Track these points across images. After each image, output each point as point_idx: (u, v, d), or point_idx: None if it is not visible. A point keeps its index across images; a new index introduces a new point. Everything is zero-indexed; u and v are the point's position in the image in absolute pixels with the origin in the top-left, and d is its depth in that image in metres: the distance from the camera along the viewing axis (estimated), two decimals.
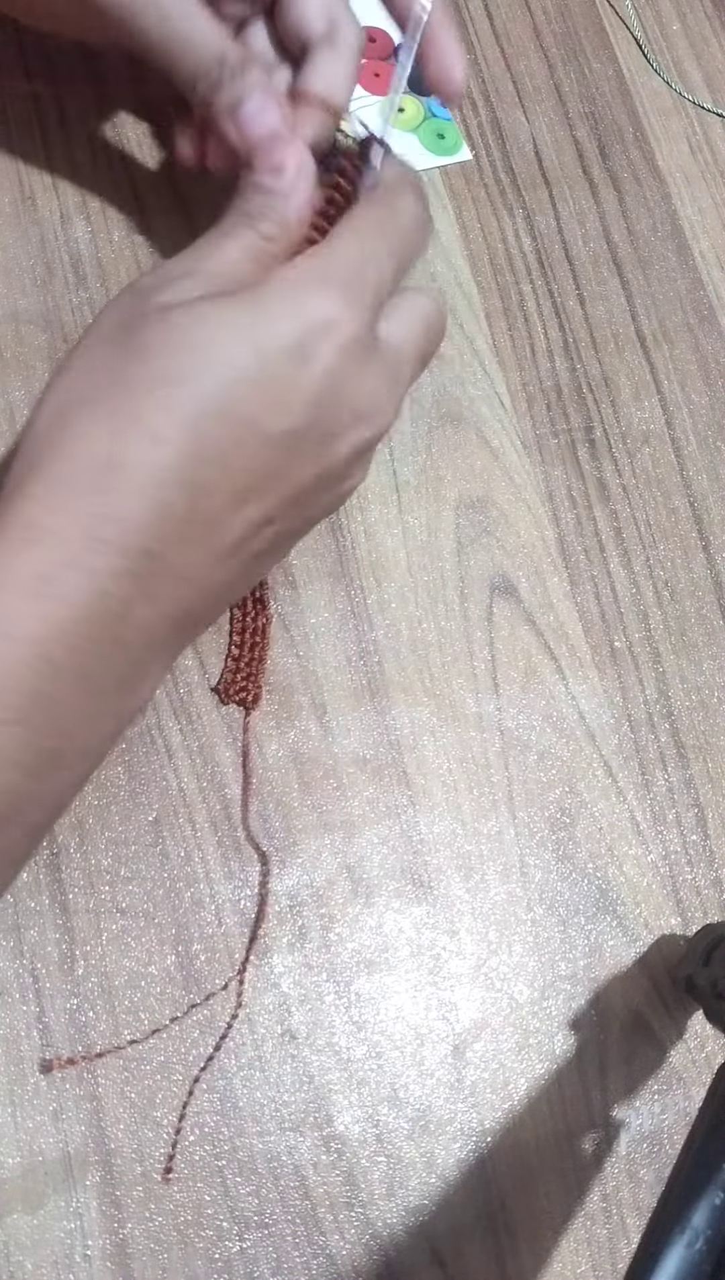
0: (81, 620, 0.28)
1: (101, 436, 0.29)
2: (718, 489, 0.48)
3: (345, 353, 0.31)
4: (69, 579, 0.28)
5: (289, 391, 0.30)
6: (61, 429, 0.29)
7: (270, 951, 0.38)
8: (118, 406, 0.29)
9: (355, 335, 0.31)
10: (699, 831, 0.43)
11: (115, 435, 0.29)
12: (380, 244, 0.33)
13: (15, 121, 0.45)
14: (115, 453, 0.29)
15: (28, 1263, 0.34)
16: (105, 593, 0.28)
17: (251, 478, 0.31)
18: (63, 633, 0.28)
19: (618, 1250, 0.38)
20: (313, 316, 0.31)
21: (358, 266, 0.32)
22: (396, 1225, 0.36)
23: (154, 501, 0.29)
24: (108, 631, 0.29)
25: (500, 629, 0.43)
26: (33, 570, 0.28)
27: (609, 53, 0.54)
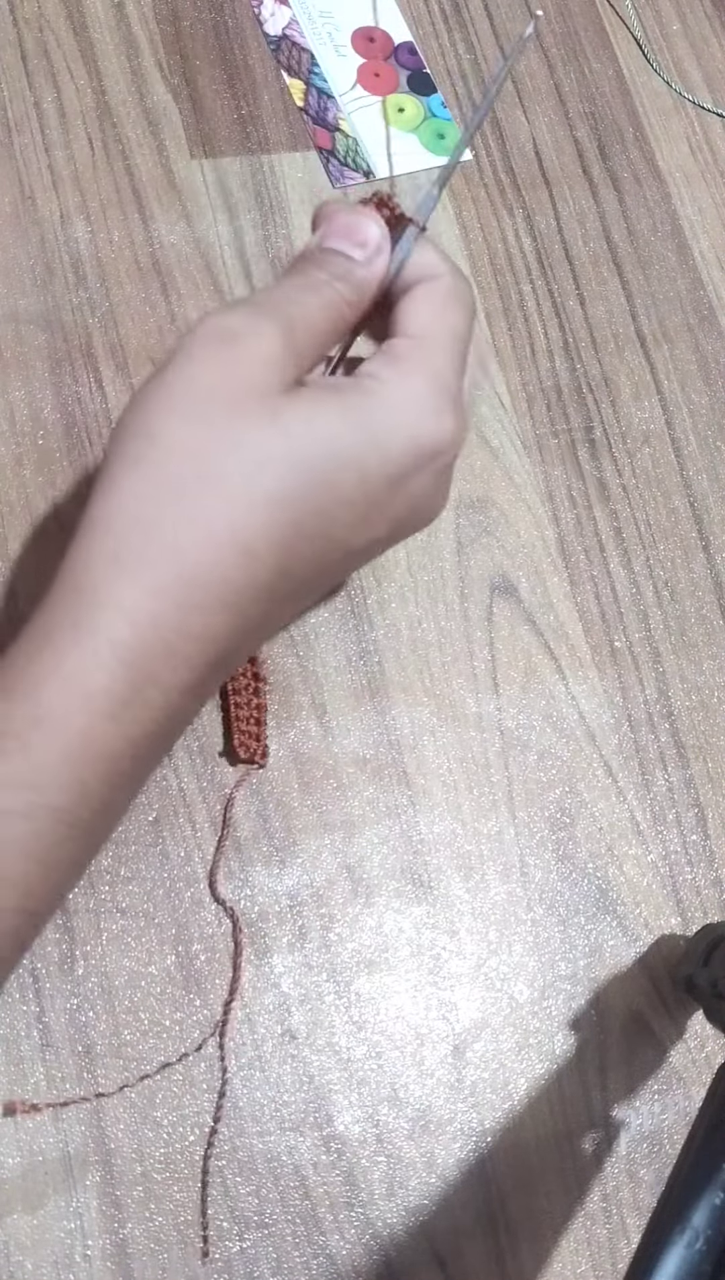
0: (151, 735, 0.28)
1: (195, 546, 0.27)
2: (718, 489, 0.48)
3: (441, 475, 0.31)
4: (148, 698, 0.27)
5: (379, 514, 0.30)
6: (157, 526, 0.28)
7: (270, 951, 0.38)
8: (217, 516, 0.28)
9: (454, 457, 0.31)
10: (699, 831, 0.43)
11: (210, 547, 0.28)
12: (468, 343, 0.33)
13: (15, 121, 0.45)
14: (209, 568, 0.27)
15: (28, 1263, 0.34)
16: (173, 705, 0.28)
17: (318, 581, 0.31)
18: (134, 747, 0.28)
19: (618, 1250, 0.38)
20: (424, 447, 0.30)
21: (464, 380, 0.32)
22: (396, 1225, 0.36)
23: (236, 617, 0.28)
24: (164, 736, 0.29)
25: (500, 629, 0.43)
26: (120, 693, 0.27)
27: (609, 53, 0.54)
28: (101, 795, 0.27)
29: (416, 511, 0.32)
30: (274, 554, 0.28)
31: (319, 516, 0.29)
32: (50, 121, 0.46)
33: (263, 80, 0.49)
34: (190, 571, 0.27)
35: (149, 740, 0.28)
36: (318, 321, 0.31)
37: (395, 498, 0.30)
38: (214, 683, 0.30)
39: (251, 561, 0.28)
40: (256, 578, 0.28)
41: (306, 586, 0.30)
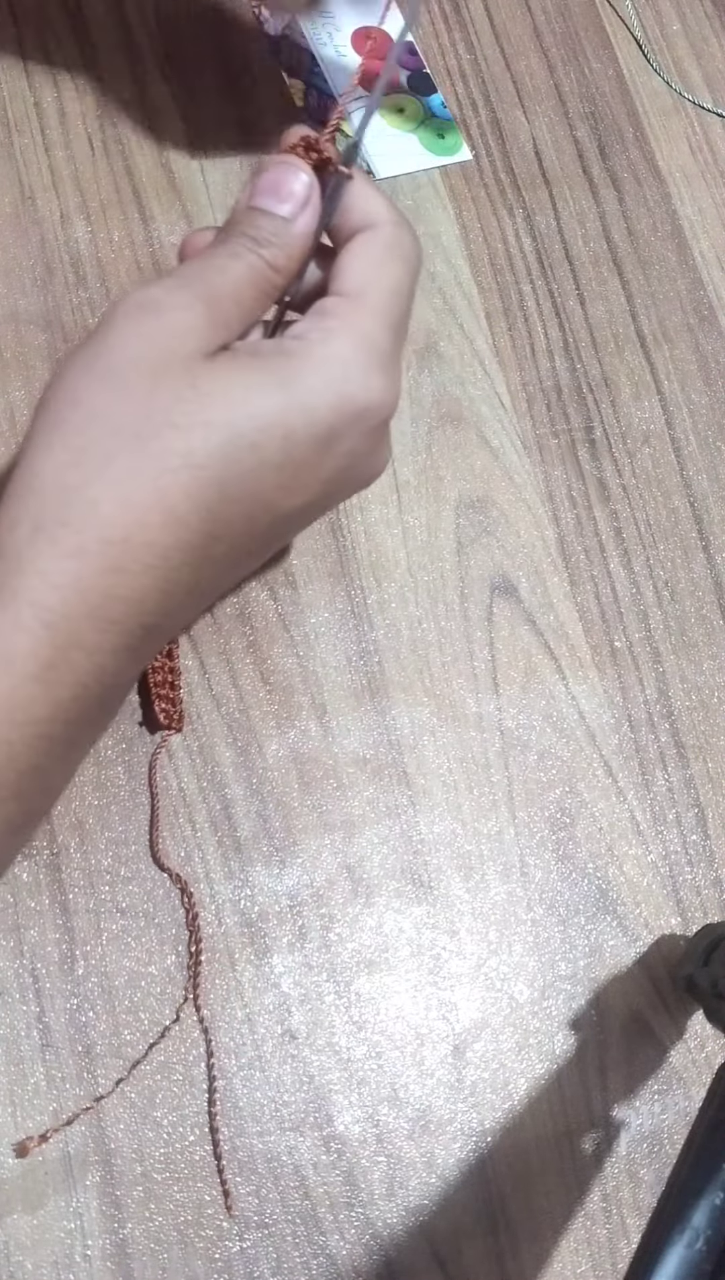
0: (80, 698, 0.28)
1: (121, 509, 0.28)
2: (718, 489, 0.48)
3: (372, 435, 0.31)
4: (73, 660, 0.27)
5: (309, 476, 0.30)
6: (80, 490, 0.28)
7: (270, 951, 0.38)
8: (140, 478, 0.28)
9: (386, 418, 0.31)
10: (699, 831, 0.43)
11: (135, 511, 0.28)
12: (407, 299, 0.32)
13: (15, 121, 0.45)
14: (133, 530, 0.28)
15: (28, 1263, 0.34)
16: (104, 669, 0.28)
17: (250, 545, 0.31)
18: (63, 711, 0.28)
19: (618, 1250, 0.38)
20: (351, 407, 0.30)
21: (396, 338, 0.31)
22: (396, 1225, 0.36)
23: (163, 580, 0.28)
24: (96, 700, 0.29)
25: (500, 629, 0.43)
26: (44, 655, 0.27)
27: (609, 53, 0.54)
28: (29, 759, 0.27)
29: (349, 472, 0.31)
30: (199, 516, 0.28)
31: (244, 479, 0.29)
32: (50, 121, 0.46)
33: (263, 80, 0.49)
34: (112, 534, 0.27)
35: (79, 704, 0.28)
36: (243, 290, 0.30)
37: (324, 459, 0.30)
38: (148, 647, 0.30)
39: (175, 524, 0.28)
40: (182, 540, 0.28)
41: (240, 551, 0.30)
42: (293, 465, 0.30)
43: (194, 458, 0.28)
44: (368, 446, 0.31)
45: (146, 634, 0.29)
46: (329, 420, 0.30)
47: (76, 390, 0.29)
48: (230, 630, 0.41)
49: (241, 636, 0.41)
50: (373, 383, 0.30)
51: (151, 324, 0.29)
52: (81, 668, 0.28)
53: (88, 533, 0.27)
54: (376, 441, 0.32)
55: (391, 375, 0.31)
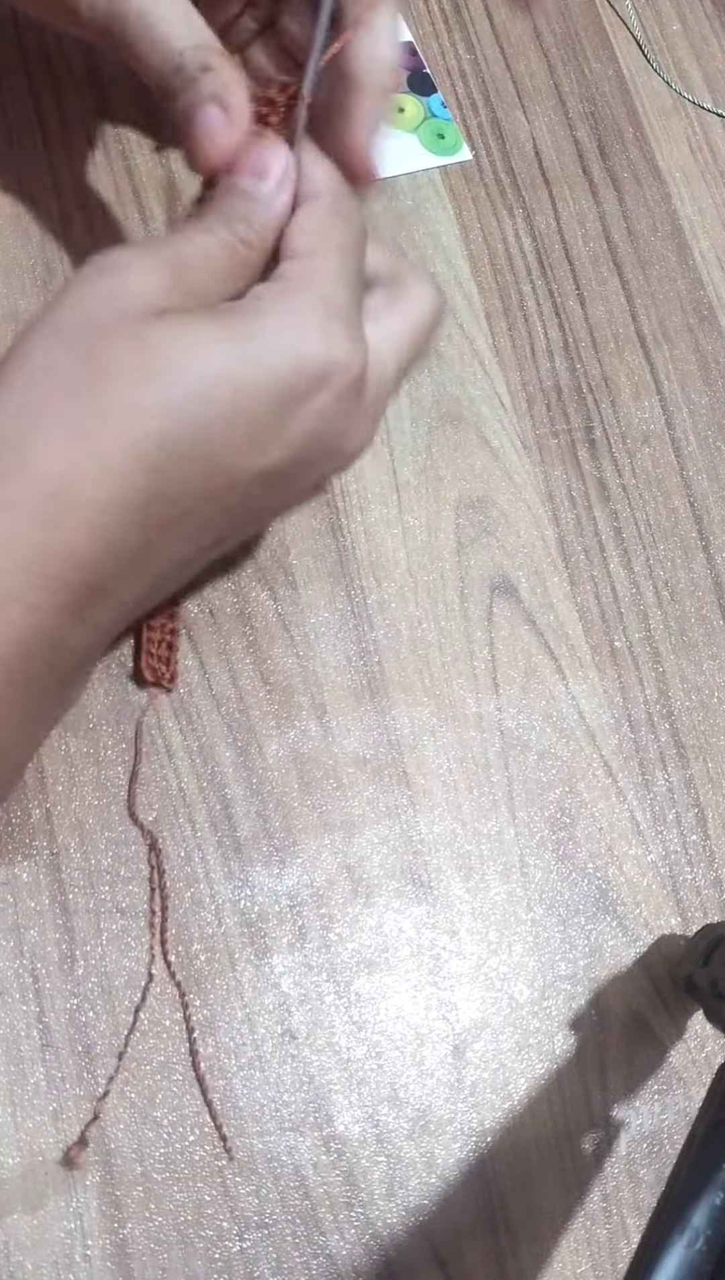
0: (17, 653, 0.27)
1: (56, 462, 0.27)
2: (718, 489, 0.48)
3: (337, 398, 0.30)
4: (9, 612, 0.27)
5: (268, 436, 0.29)
6: (17, 445, 0.27)
7: (270, 951, 0.38)
8: (76, 430, 0.27)
9: (352, 380, 0.30)
10: (699, 831, 0.43)
11: (70, 464, 0.27)
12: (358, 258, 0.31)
13: (15, 121, 0.45)
14: (68, 483, 0.27)
15: (28, 1263, 0.34)
16: (43, 626, 0.27)
17: (210, 512, 0.30)
18: (7, 671, 0.27)
19: (618, 1250, 0.38)
20: (309, 365, 0.29)
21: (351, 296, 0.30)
22: (396, 1225, 0.36)
23: (104, 538, 0.27)
24: (41, 659, 0.28)
25: (500, 629, 0.43)
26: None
27: (609, 53, 0.54)
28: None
29: (320, 439, 0.30)
30: (142, 472, 0.27)
31: (192, 435, 0.28)
32: (51, 122, 0.46)
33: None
34: (45, 487, 0.27)
35: (24, 664, 0.27)
36: (215, 260, 0.30)
37: (286, 419, 0.29)
38: (99, 611, 0.29)
39: (114, 478, 0.27)
40: (122, 496, 0.27)
41: (199, 517, 0.29)
42: (247, 422, 0.28)
43: (133, 410, 0.27)
44: (338, 410, 0.30)
45: (92, 594, 0.28)
46: (286, 376, 0.29)
47: (23, 349, 0.29)
48: (230, 630, 0.41)
49: (241, 636, 0.41)
50: (333, 340, 0.29)
51: (105, 283, 0.29)
52: (21, 624, 0.27)
53: (21, 485, 0.27)
54: (348, 405, 0.30)
55: (352, 333, 0.30)
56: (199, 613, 0.41)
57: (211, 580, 0.41)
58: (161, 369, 0.28)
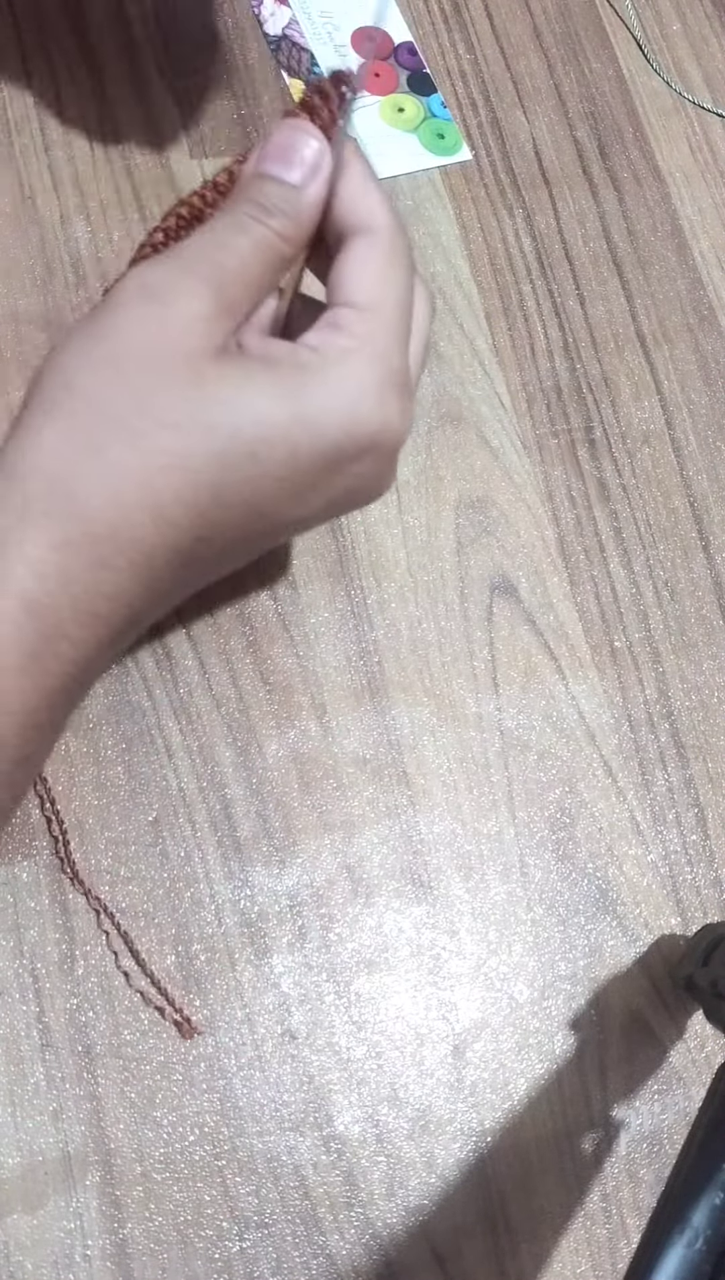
0: (67, 688, 0.28)
1: (109, 505, 0.27)
2: (718, 489, 0.48)
3: (382, 461, 0.30)
4: (60, 651, 0.27)
5: (312, 493, 0.29)
6: (68, 480, 0.27)
7: (270, 951, 0.38)
8: (130, 474, 0.27)
9: (399, 442, 0.30)
10: (699, 831, 0.43)
11: (122, 508, 0.27)
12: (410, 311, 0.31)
13: (15, 121, 0.45)
14: (120, 527, 0.27)
15: (28, 1263, 0.34)
16: (89, 660, 0.28)
17: (244, 548, 0.30)
18: (49, 700, 0.28)
19: (618, 1250, 0.38)
20: (362, 433, 0.29)
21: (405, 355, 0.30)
22: (396, 1225, 0.36)
23: (148, 578, 0.28)
24: (82, 688, 0.29)
25: (500, 629, 0.43)
26: (29, 646, 0.27)
27: (609, 53, 0.54)
28: (16, 746, 0.27)
29: (354, 493, 0.31)
30: (190, 519, 0.28)
31: (240, 487, 0.28)
32: (50, 121, 0.46)
33: (262, 80, 0.49)
34: (99, 530, 0.27)
35: (65, 693, 0.28)
36: (251, 267, 0.29)
37: (331, 480, 0.29)
38: (130, 635, 0.30)
39: (164, 525, 0.27)
40: (170, 540, 0.28)
41: (229, 554, 0.30)
42: (295, 481, 0.29)
43: (190, 460, 0.27)
44: (377, 470, 0.31)
45: (129, 626, 0.29)
46: (338, 442, 0.29)
47: (72, 374, 0.28)
48: (230, 630, 0.41)
49: (241, 636, 0.41)
50: (388, 409, 0.29)
51: (156, 312, 0.28)
52: (67, 658, 0.27)
53: (73, 525, 0.27)
54: (386, 466, 0.31)
55: (406, 400, 0.30)
56: (199, 612, 0.41)
57: None
58: (218, 422, 0.27)
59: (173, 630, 0.40)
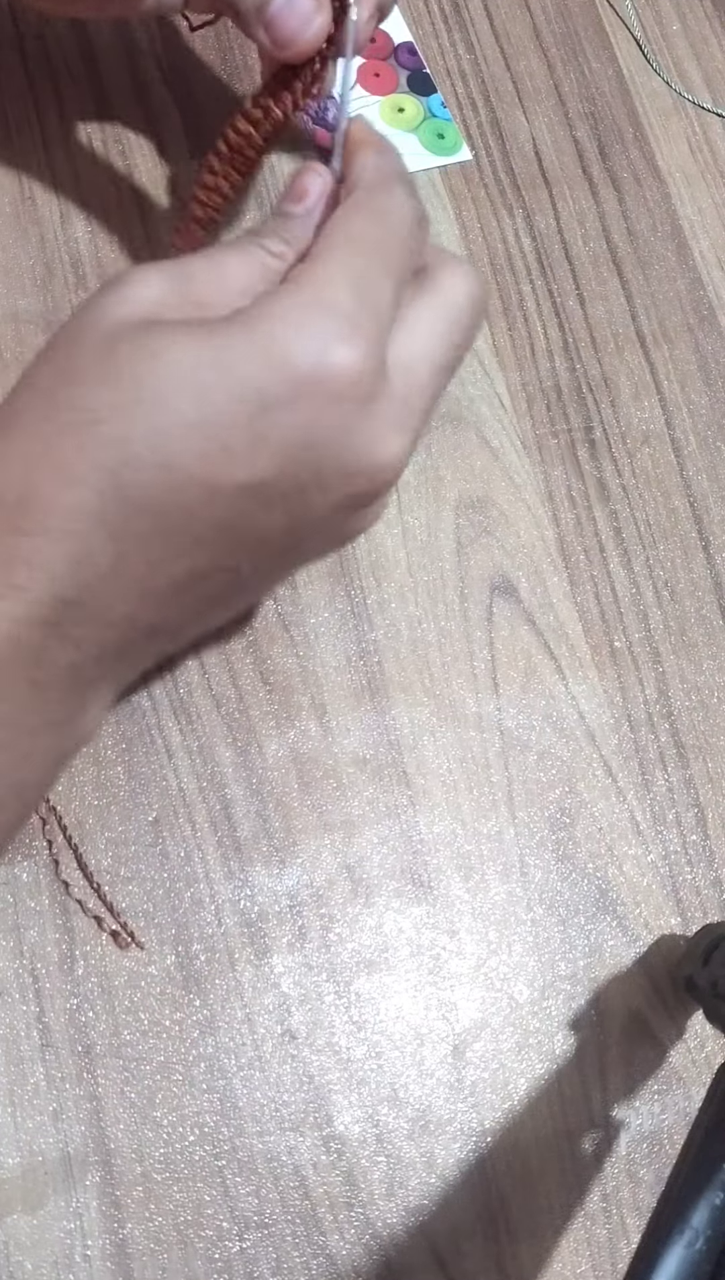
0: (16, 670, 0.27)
1: (18, 469, 0.27)
2: (718, 489, 0.48)
3: (332, 405, 0.27)
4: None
5: (246, 446, 0.27)
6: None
7: (270, 951, 0.38)
8: (39, 437, 0.27)
9: (351, 384, 0.27)
10: (699, 831, 0.43)
11: (29, 470, 0.26)
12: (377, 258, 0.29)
13: (15, 121, 0.45)
14: (29, 489, 0.26)
15: (28, 1263, 0.34)
16: (16, 639, 0.27)
17: (195, 529, 0.28)
18: None
19: (618, 1250, 0.38)
20: (290, 367, 0.27)
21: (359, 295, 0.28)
22: (396, 1225, 0.36)
23: (69, 546, 0.27)
24: (22, 675, 0.27)
25: (500, 629, 0.43)
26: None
27: (609, 53, 0.54)
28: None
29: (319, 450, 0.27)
30: (99, 477, 0.26)
31: (151, 440, 0.26)
32: (50, 121, 0.46)
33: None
34: (10, 495, 0.26)
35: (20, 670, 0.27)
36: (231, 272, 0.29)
37: (262, 428, 0.27)
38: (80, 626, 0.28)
39: (72, 482, 0.26)
40: (84, 502, 0.26)
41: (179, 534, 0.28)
42: (214, 429, 0.26)
43: (94, 414, 0.26)
44: (335, 419, 0.27)
45: (67, 608, 0.27)
46: (258, 381, 0.26)
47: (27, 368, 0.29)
48: (230, 630, 0.41)
49: (241, 636, 0.41)
50: (322, 343, 0.27)
51: (106, 297, 0.28)
52: None
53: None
54: (351, 414, 0.27)
55: (354, 334, 0.27)
56: None
57: None
58: (125, 375, 0.27)
59: None
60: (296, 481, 0.28)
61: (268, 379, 0.27)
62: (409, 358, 0.29)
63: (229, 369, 0.26)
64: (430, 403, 0.30)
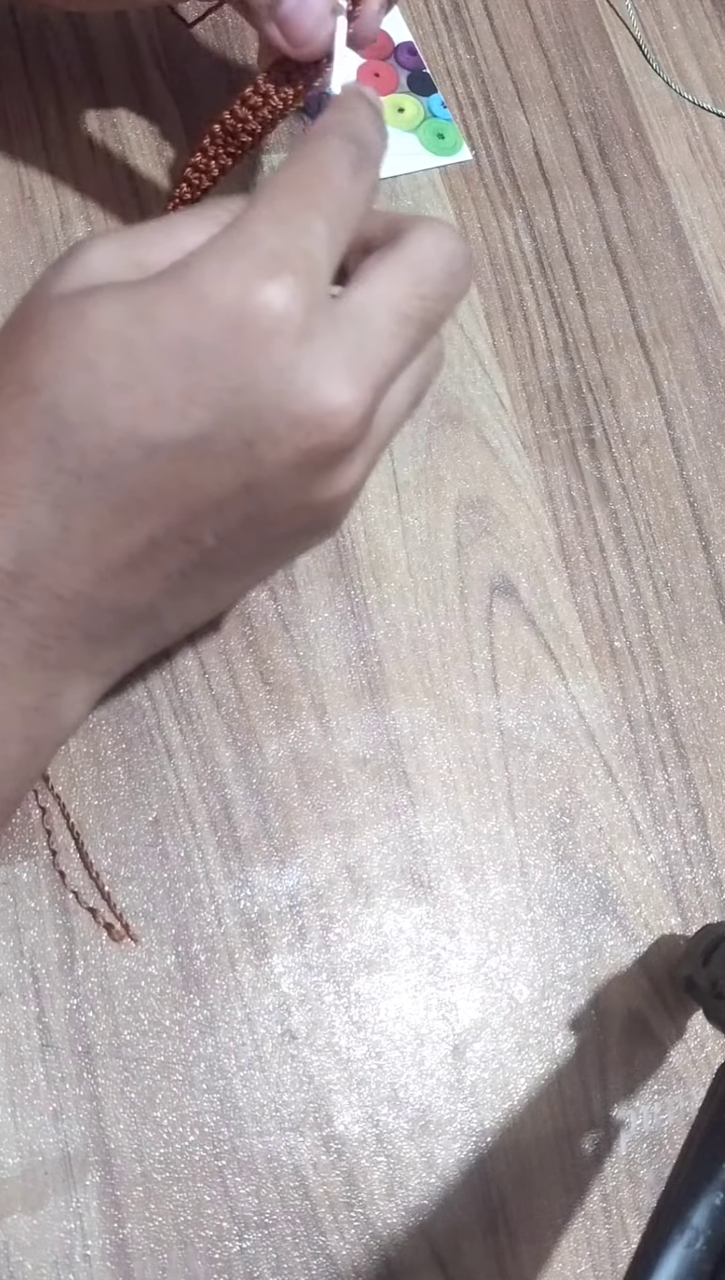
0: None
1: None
2: (718, 489, 0.48)
3: (265, 344, 0.26)
4: None
5: (176, 396, 0.26)
6: None
7: (270, 951, 0.38)
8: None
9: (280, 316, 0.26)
10: (699, 831, 0.43)
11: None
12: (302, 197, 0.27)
13: (15, 121, 0.45)
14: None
15: (28, 1263, 0.34)
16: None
17: (138, 492, 0.27)
18: None
19: (618, 1250, 0.38)
20: (211, 307, 0.25)
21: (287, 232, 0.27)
22: (396, 1225, 0.36)
23: (12, 520, 0.26)
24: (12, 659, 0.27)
25: (500, 629, 0.43)
26: None
27: (609, 53, 0.54)
28: None
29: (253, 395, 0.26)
30: (36, 448, 0.26)
31: (81, 401, 0.26)
32: (50, 121, 0.46)
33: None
34: None
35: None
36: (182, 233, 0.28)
37: (190, 375, 0.26)
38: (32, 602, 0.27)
39: (10, 452, 0.26)
40: (23, 472, 0.26)
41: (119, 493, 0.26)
42: (144, 383, 0.26)
43: (28, 384, 0.26)
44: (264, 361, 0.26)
45: (15, 584, 0.27)
46: (183, 328, 0.25)
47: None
48: (230, 630, 0.41)
49: (241, 636, 0.41)
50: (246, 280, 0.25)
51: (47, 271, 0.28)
52: None
53: None
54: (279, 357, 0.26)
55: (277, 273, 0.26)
56: None
57: None
58: (50, 340, 0.26)
59: None
60: (239, 432, 0.26)
61: (193, 325, 0.26)
62: (362, 302, 0.28)
63: (154, 321, 0.26)
64: (394, 352, 0.28)
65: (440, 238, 0.29)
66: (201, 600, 0.32)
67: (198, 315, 0.25)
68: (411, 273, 0.28)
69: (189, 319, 0.25)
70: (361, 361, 0.27)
